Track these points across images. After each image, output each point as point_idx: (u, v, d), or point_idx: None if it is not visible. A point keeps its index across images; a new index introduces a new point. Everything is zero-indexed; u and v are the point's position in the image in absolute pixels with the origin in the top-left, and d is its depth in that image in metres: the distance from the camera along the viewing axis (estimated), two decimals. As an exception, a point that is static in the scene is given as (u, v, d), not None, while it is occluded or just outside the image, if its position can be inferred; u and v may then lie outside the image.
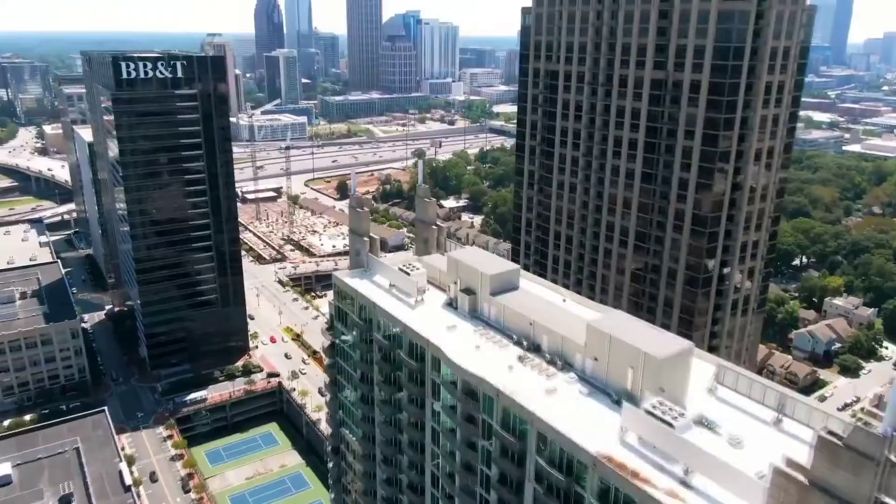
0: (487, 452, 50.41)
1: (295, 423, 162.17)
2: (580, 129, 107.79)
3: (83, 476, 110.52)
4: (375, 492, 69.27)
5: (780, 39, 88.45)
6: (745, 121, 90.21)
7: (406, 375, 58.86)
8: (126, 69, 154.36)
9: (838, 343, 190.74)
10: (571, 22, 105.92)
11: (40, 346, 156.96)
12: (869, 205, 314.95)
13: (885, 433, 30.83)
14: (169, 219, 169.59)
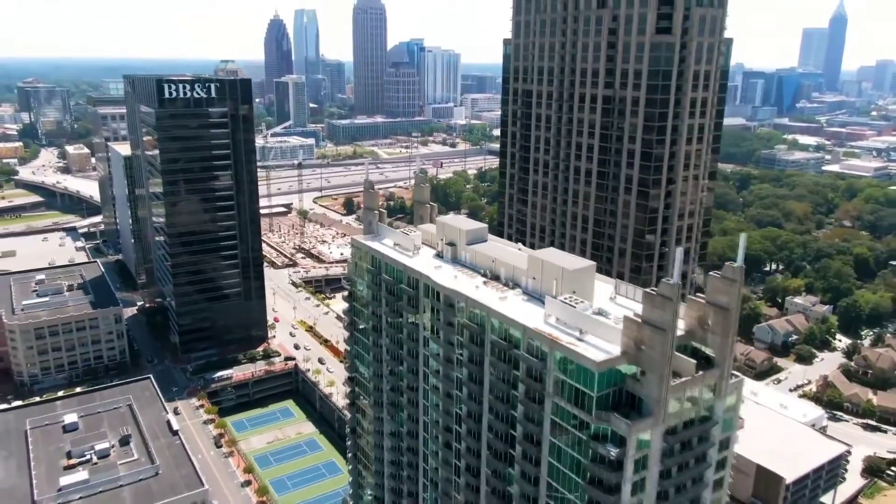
0: (460, 343, 73.15)
1: (309, 399, 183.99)
2: (549, 137, 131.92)
3: (137, 423, 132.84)
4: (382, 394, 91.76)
5: (701, 64, 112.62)
6: (675, 128, 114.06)
7: (405, 300, 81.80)
8: (168, 90, 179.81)
9: (795, 335, 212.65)
10: (542, 51, 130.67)
11: (88, 329, 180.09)
12: (840, 219, 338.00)
13: (675, 283, 53.76)
14: (201, 226, 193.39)
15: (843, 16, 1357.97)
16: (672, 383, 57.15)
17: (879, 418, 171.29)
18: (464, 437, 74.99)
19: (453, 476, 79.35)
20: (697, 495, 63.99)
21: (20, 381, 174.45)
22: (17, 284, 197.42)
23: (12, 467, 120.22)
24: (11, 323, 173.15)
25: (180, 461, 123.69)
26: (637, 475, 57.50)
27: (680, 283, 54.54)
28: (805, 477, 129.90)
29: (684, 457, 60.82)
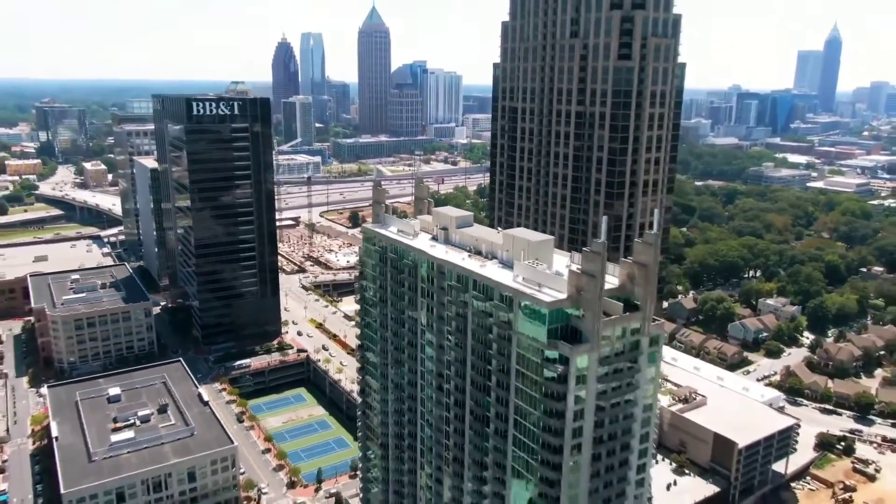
0: (449, 302, 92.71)
1: (320, 386, 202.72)
2: (532, 147, 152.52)
3: (171, 395, 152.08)
4: (387, 354, 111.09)
5: (657, 85, 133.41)
6: (636, 139, 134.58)
7: (407, 273, 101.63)
8: (196, 107, 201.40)
9: (765, 333, 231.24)
10: (525, 74, 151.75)
11: (121, 322, 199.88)
12: (818, 230, 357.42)
13: (602, 243, 73.47)
14: (223, 235, 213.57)
15: (838, 39, 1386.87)
16: (604, 321, 76.72)
17: (836, 403, 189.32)
18: (452, 378, 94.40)
19: (444, 413, 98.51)
20: (630, 413, 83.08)
21: (60, 367, 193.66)
22: (55, 283, 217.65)
23: (68, 430, 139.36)
24: (54, 315, 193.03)
25: (211, 425, 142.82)
26: (578, 388, 76.73)
27: (606, 243, 74.43)
28: (756, 444, 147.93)
29: (616, 379, 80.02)
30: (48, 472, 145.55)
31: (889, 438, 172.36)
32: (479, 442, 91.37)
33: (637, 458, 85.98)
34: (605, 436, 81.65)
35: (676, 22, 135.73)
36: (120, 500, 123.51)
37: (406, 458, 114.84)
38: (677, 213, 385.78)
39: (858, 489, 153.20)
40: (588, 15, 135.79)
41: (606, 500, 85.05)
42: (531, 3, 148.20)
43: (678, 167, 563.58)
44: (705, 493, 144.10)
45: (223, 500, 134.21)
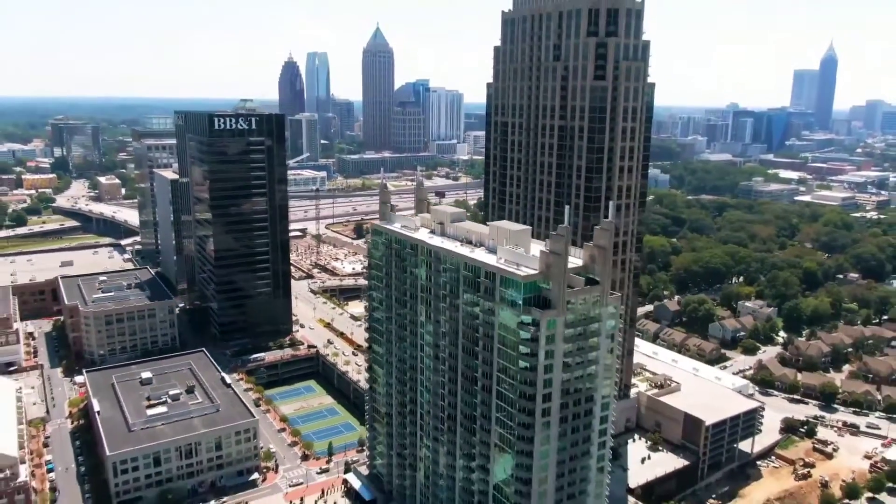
0: (444, 283, 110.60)
1: (328, 378, 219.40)
2: (521, 157, 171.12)
3: (197, 378, 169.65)
4: (392, 333, 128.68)
5: (629, 102, 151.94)
6: (611, 149, 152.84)
7: (408, 260, 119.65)
8: (217, 122, 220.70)
9: (742, 332, 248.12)
10: (514, 92, 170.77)
11: (147, 318, 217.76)
12: (802, 241, 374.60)
13: (566, 228, 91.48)
14: (241, 243, 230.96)
15: (834, 58, 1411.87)
16: (568, 291, 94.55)
17: (803, 393, 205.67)
18: (446, 347, 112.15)
19: (440, 378, 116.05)
20: (592, 370, 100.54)
21: (90, 359, 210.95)
22: (84, 284, 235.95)
23: (108, 406, 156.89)
24: (86, 311, 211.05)
25: (234, 403, 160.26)
26: (548, 345, 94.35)
27: (570, 228, 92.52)
28: (723, 422, 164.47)
29: (580, 339, 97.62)
30: (87, 446, 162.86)
31: (848, 423, 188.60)
32: (469, 399, 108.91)
33: (600, 409, 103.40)
34: (572, 388, 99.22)
35: (645, 47, 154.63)
36: (156, 464, 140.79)
37: (407, 433, 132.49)
38: (668, 224, 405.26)
39: (817, 466, 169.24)
40: (568, 41, 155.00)
41: (574, 444, 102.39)
42: (519, 31, 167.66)
43: (673, 182, 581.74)
44: (676, 466, 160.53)
45: (245, 467, 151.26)
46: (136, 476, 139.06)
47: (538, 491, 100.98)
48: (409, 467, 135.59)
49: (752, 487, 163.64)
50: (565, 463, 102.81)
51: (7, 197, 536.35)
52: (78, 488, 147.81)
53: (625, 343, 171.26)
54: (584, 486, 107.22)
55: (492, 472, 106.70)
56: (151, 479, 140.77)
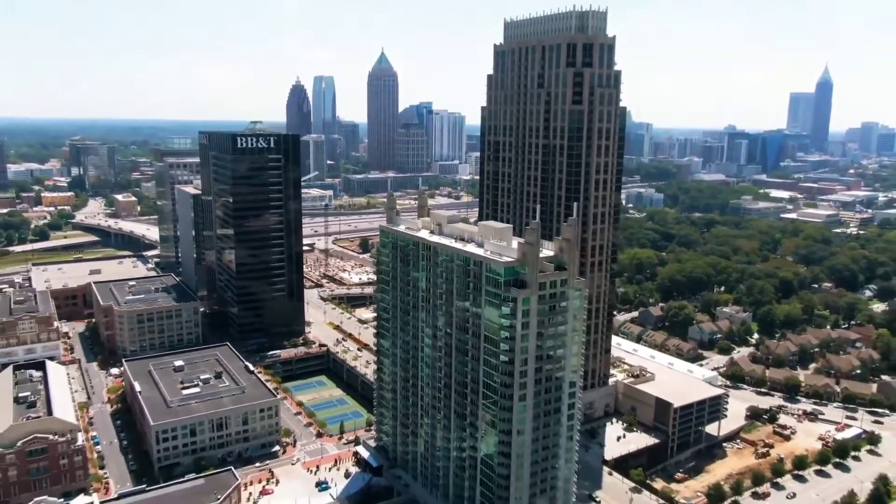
0: (441, 272, 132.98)
1: (338, 374, 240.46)
2: (510, 172, 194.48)
3: (224, 366, 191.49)
4: (398, 319, 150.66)
5: (603, 123, 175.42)
6: (587, 164, 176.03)
7: (410, 255, 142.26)
8: (239, 141, 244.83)
9: (719, 334, 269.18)
10: (505, 115, 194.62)
11: (174, 318, 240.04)
12: (783, 254, 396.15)
13: (537, 223, 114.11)
14: (259, 254, 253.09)
15: (829, 81, 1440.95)
16: (540, 274, 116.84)
17: (770, 386, 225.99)
18: (443, 326, 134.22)
19: (437, 353, 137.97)
20: (562, 341, 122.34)
21: (123, 354, 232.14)
22: (116, 288, 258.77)
23: (147, 387, 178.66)
24: (120, 310, 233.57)
25: (257, 386, 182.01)
26: (524, 319, 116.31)
27: (539, 223, 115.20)
28: (690, 406, 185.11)
29: (551, 314, 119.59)
30: (126, 424, 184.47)
31: (807, 412, 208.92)
32: (461, 368, 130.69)
33: (568, 385, 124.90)
34: (545, 355, 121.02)
35: (617, 76, 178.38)
36: (192, 434, 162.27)
37: (409, 413, 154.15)
38: (657, 239, 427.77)
39: (775, 446, 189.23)
40: (550, 71, 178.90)
41: (546, 413, 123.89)
42: (509, 62, 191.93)
43: (667, 201, 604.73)
44: (647, 443, 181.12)
45: (268, 441, 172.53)
46: (174, 444, 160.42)
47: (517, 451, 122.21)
48: (411, 441, 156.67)
49: (716, 465, 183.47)
50: (539, 430, 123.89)
51: (28, 213, 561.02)
52: (122, 458, 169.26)
53: (602, 341, 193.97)
54: (556, 450, 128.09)
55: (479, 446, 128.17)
56: (188, 448, 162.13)
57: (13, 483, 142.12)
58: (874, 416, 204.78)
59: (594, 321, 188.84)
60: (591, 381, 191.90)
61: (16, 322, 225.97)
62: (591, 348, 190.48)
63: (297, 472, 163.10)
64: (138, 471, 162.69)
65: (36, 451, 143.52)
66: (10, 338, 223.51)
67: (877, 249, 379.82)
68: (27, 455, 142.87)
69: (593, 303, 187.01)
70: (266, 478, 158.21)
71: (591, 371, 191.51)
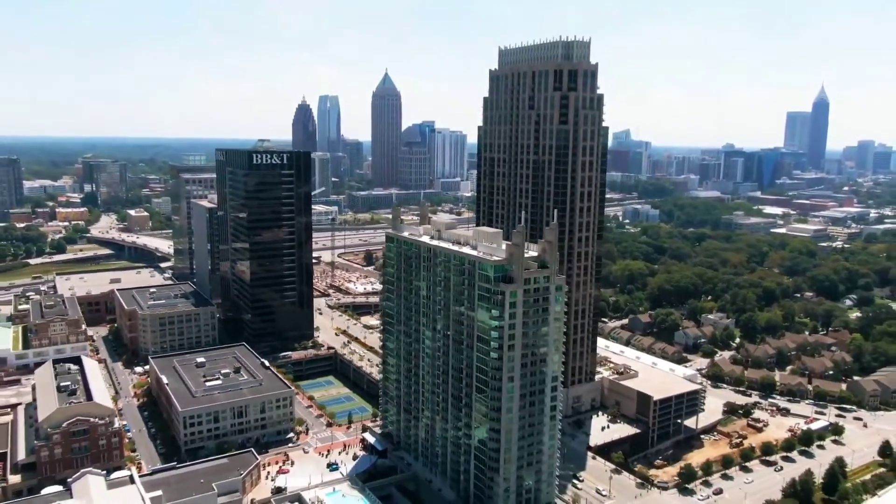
0: (440, 272, 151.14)
1: (345, 374, 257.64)
2: (504, 185, 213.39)
3: (242, 363, 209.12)
4: (401, 316, 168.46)
5: (587, 141, 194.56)
6: (573, 178, 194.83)
7: (413, 257, 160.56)
8: (255, 157, 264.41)
9: (703, 339, 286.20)
10: (499, 134, 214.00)
11: (193, 321, 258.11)
12: (770, 266, 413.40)
13: (522, 227, 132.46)
14: (272, 265, 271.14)
15: (825, 100, 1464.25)
16: (525, 271, 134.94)
17: (748, 385, 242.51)
18: (441, 319, 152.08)
19: (436, 343, 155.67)
20: (545, 331, 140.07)
21: (145, 355, 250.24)
22: (138, 294, 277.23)
23: (174, 380, 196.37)
24: (143, 314, 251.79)
25: (273, 379, 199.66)
26: (511, 310, 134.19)
27: (525, 228, 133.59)
28: (668, 399, 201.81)
29: (535, 306, 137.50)
30: (153, 415, 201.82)
31: (780, 407, 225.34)
32: (457, 357, 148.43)
33: (551, 360, 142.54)
34: (530, 342, 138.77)
35: (600, 99, 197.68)
36: (215, 420, 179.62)
37: (412, 404, 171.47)
38: (650, 252, 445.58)
39: (749, 437, 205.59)
40: (540, 94, 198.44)
41: (532, 392, 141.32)
42: (503, 86, 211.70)
43: (663, 217, 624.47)
44: (629, 433, 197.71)
45: (283, 428, 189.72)
46: (199, 430, 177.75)
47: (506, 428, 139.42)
48: (413, 426, 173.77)
49: (694, 453, 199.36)
50: (525, 409, 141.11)
51: (44, 228, 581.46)
52: (150, 443, 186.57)
53: (588, 341, 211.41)
54: (540, 427, 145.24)
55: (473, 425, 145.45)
56: (211, 433, 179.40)
57: (58, 460, 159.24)
58: (841, 411, 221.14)
59: (581, 321, 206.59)
60: (578, 377, 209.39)
61: (48, 324, 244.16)
62: (578, 347, 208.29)
63: (309, 455, 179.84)
64: (166, 453, 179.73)
65: (78, 432, 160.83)
66: (42, 339, 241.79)
67: (859, 262, 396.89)
68: (70, 435, 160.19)
69: (580, 305, 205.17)
70: (282, 460, 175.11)
71: (578, 368, 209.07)
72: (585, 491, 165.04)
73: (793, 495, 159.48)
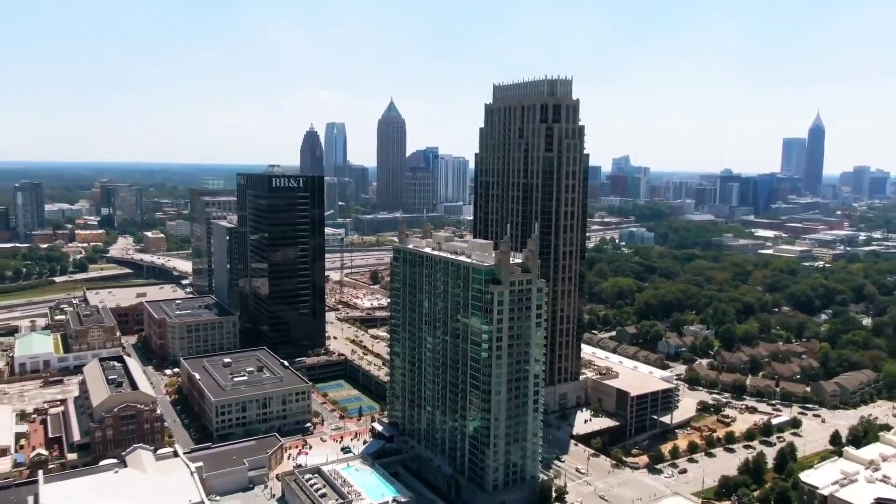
0: (439, 277, 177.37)
1: (355, 378, 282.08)
2: (497, 206, 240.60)
3: (263, 363, 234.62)
4: (406, 317, 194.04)
5: (569, 167, 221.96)
6: (557, 199, 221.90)
7: (417, 266, 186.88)
8: (274, 181, 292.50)
9: (684, 348, 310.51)
10: (494, 160, 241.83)
11: (216, 329, 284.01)
12: (753, 284, 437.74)
13: (508, 237, 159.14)
14: (288, 282, 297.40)
15: (821, 127, 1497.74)
16: (511, 275, 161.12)
17: (721, 388, 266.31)
18: (440, 326, 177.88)
19: (436, 338, 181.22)
20: (528, 326, 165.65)
21: (174, 359, 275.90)
22: (165, 306, 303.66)
23: (205, 376, 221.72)
24: (172, 322, 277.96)
25: (292, 377, 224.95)
26: (499, 307, 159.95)
27: (510, 239, 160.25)
28: (644, 396, 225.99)
29: (519, 304, 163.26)
30: (185, 409, 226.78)
31: (748, 406, 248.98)
32: (453, 349, 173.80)
33: (535, 347, 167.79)
34: (515, 335, 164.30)
35: (581, 129, 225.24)
36: (243, 410, 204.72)
37: (416, 399, 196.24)
38: (641, 271, 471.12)
39: (717, 430, 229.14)
40: (528, 126, 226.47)
41: (518, 370, 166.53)
42: (497, 118, 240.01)
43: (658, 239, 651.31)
44: (609, 425, 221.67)
45: (301, 419, 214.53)
46: (229, 418, 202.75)
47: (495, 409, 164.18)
48: (417, 414, 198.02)
49: (667, 445, 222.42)
50: (511, 391, 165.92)
51: (65, 248, 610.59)
52: (185, 431, 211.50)
53: (573, 344, 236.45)
54: (524, 408, 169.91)
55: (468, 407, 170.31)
56: (239, 422, 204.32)
57: (109, 440, 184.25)
58: (804, 410, 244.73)
59: (566, 326, 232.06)
60: (564, 376, 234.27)
61: (87, 331, 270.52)
62: (564, 350, 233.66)
63: (325, 442, 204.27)
64: (199, 440, 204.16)
65: (127, 416, 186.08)
66: (81, 343, 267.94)
67: (836, 279, 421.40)
68: (120, 419, 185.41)
69: (565, 311, 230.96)
70: (301, 444, 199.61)
71: (564, 368, 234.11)
72: (566, 469, 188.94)
73: (746, 472, 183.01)
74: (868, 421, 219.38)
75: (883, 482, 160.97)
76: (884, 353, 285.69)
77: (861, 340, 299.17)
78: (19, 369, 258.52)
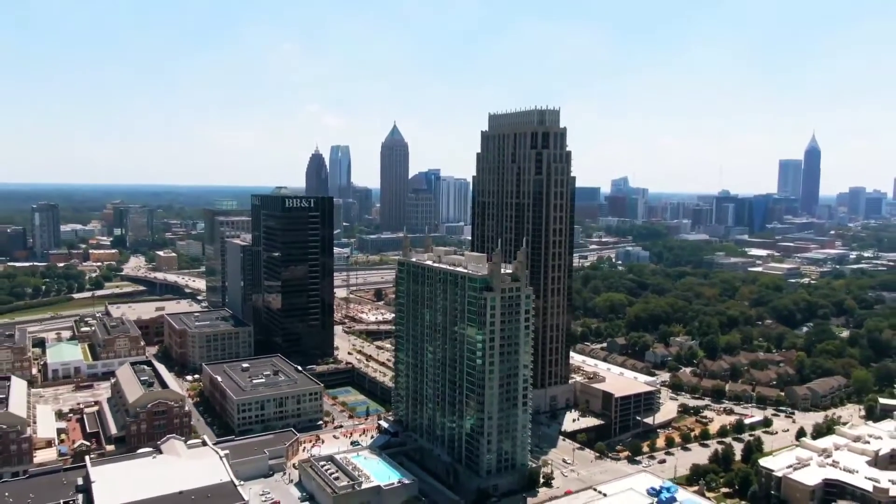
0: (439, 289, 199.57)
1: (360, 384, 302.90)
2: (493, 224, 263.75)
3: (279, 368, 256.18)
4: (408, 323, 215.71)
5: (557, 188, 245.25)
6: (546, 216, 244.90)
7: (419, 277, 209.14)
8: (287, 202, 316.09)
9: (669, 357, 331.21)
10: (489, 182, 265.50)
11: (233, 339, 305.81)
12: (739, 299, 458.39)
13: (499, 250, 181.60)
14: (298, 297, 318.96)
15: (816, 148, 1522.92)
16: (501, 283, 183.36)
17: (702, 393, 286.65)
18: (440, 323, 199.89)
19: (436, 343, 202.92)
20: (518, 329, 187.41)
21: (194, 366, 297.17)
22: (184, 317, 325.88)
23: (226, 379, 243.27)
24: (192, 332, 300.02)
25: (305, 379, 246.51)
26: (492, 311, 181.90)
27: (501, 251, 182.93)
28: (627, 397, 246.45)
29: (510, 309, 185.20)
30: (206, 410, 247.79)
31: (725, 408, 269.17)
32: (452, 354, 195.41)
33: (523, 347, 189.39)
34: (507, 335, 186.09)
35: (568, 155, 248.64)
36: (261, 408, 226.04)
37: (418, 400, 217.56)
38: (634, 287, 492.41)
39: (695, 429, 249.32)
40: (520, 151, 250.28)
41: (509, 368, 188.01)
42: (492, 144, 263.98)
43: (653, 258, 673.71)
44: (594, 423, 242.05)
45: (314, 418, 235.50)
46: (249, 415, 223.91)
47: (489, 402, 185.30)
48: (419, 412, 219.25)
49: (649, 443, 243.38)
50: (503, 387, 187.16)
51: (80, 267, 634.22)
52: (208, 428, 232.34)
53: (563, 350, 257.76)
54: (514, 402, 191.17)
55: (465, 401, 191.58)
56: (258, 419, 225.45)
57: (143, 433, 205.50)
58: (777, 412, 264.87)
59: (555, 333, 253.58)
60: (554, 380, 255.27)
61: (114, 340, 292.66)
62: (554, 355, 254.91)
63: (336, 438, 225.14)
64: (221, 435, 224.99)
65: (159, 412, 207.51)
66: (109, 352, 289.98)
67: (819, 294, 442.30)
68: (153, 414, 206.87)
69: (555, 321, 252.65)
70: (315, 438, 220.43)
71: (554, 373, 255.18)
72: (554, 460, 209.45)
73: (715, 462, 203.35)
74: (832, 420, 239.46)
75: (832, 466, 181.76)
76: (855, 361, 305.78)
77: (835, 349, 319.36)
78: (52, 375, 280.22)
